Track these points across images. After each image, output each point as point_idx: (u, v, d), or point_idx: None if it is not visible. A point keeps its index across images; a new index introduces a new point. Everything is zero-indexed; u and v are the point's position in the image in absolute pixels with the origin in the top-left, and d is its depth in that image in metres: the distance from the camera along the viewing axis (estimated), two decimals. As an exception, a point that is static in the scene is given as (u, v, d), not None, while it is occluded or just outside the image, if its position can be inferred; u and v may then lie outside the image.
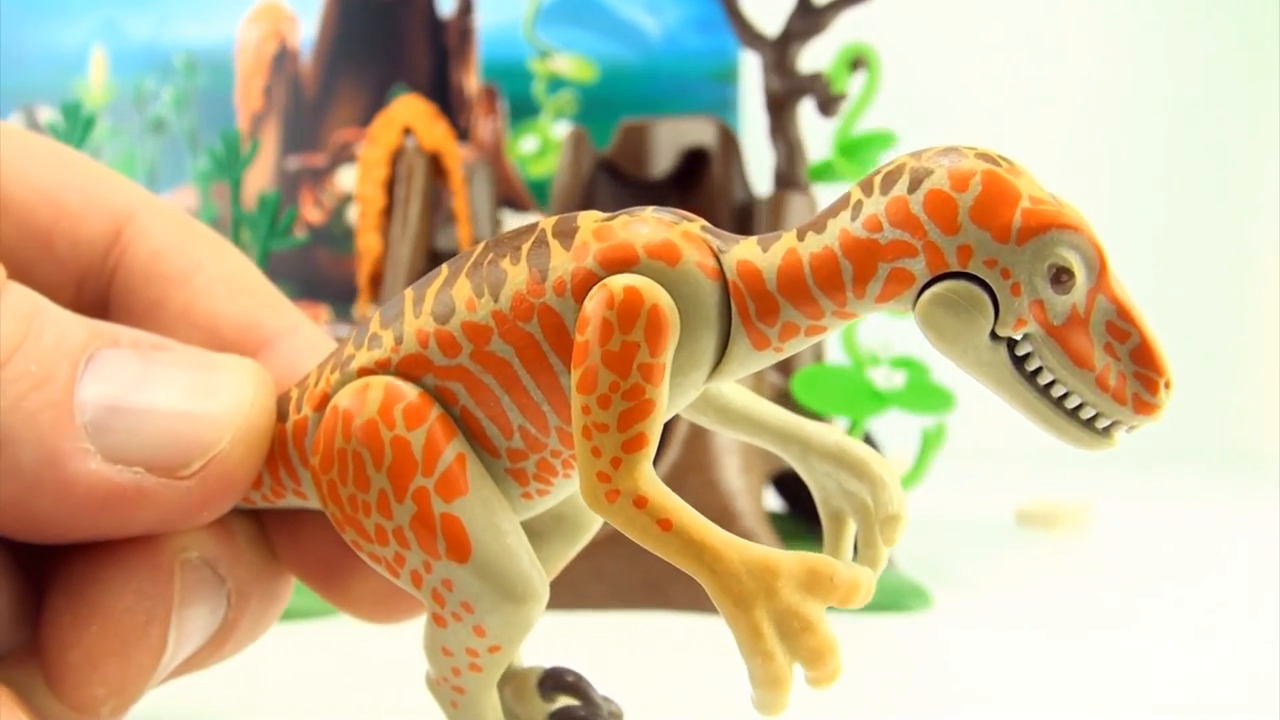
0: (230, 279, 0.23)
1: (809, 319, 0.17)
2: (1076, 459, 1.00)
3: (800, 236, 0.17)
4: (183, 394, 0.19)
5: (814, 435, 0.21)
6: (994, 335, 0.17)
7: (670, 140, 0.63)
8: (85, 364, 0.19)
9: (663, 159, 0.63)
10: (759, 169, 0.64)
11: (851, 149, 0.57)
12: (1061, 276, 0.16)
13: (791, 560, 0.16)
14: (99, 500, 0.18)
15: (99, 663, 0.19)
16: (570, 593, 0.48)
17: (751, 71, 1.10)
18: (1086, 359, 0.16)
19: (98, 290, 0.23)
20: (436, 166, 0.63)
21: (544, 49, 1.08)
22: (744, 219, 0.60)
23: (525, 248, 0.18)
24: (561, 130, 1.07)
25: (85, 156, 0.23)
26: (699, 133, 0.62)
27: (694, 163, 0.62)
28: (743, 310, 0.17)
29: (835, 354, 0.60)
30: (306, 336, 0.23)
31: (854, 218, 0.17)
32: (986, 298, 0.16)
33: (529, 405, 0.18)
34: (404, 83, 1.10)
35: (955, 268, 0.16)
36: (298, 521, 0.23)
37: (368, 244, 0.64)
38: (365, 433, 0.18)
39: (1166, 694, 0.39)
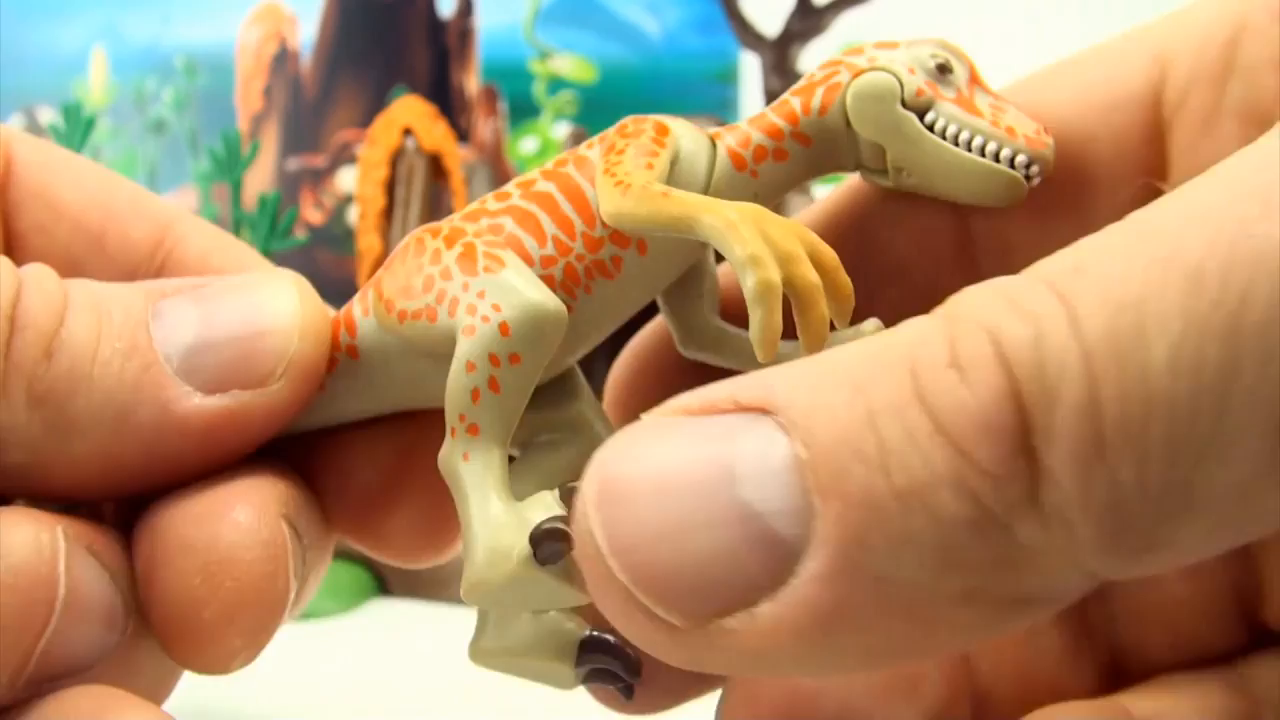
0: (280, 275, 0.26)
1: (773, 140, 0.22)
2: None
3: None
4: (243, 318, 0.22)
5: None
6: (904, 106, 0.22)
7: (670, 141, 0.63)
8: (152, 320, 0.21)
9: (663, 159, 0.63)
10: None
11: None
12: (943, 70, 0.22)
13: (786, 219, 0.19)
14: (212, 427, 0.21)
15: (236, 615, 0.21)
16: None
17: (751, 72, 1.10)
18: (977, 112, 0.22)
19: None
20: (437, 167, 0.63)
21: (544, 50, 1.08)
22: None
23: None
24: (562, 131, 1.07)
25: (123, 177, 0.27)
26: (699, 133, 0.62)
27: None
28: (724, 144, 0.22)
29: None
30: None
31: (794, 89, 0.22)
32: (893, 79, 0.22)
33: (561, 218, 0.22)
34: (404, 83, 1.10)
35: (867, 68, 0.22)
36: (339, 467, 0.24)
37: (368, 245, 0.64)
38: (428, 228, 0.22)
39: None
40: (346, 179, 1.11)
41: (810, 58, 0.60)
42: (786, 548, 0.14)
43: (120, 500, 0.23)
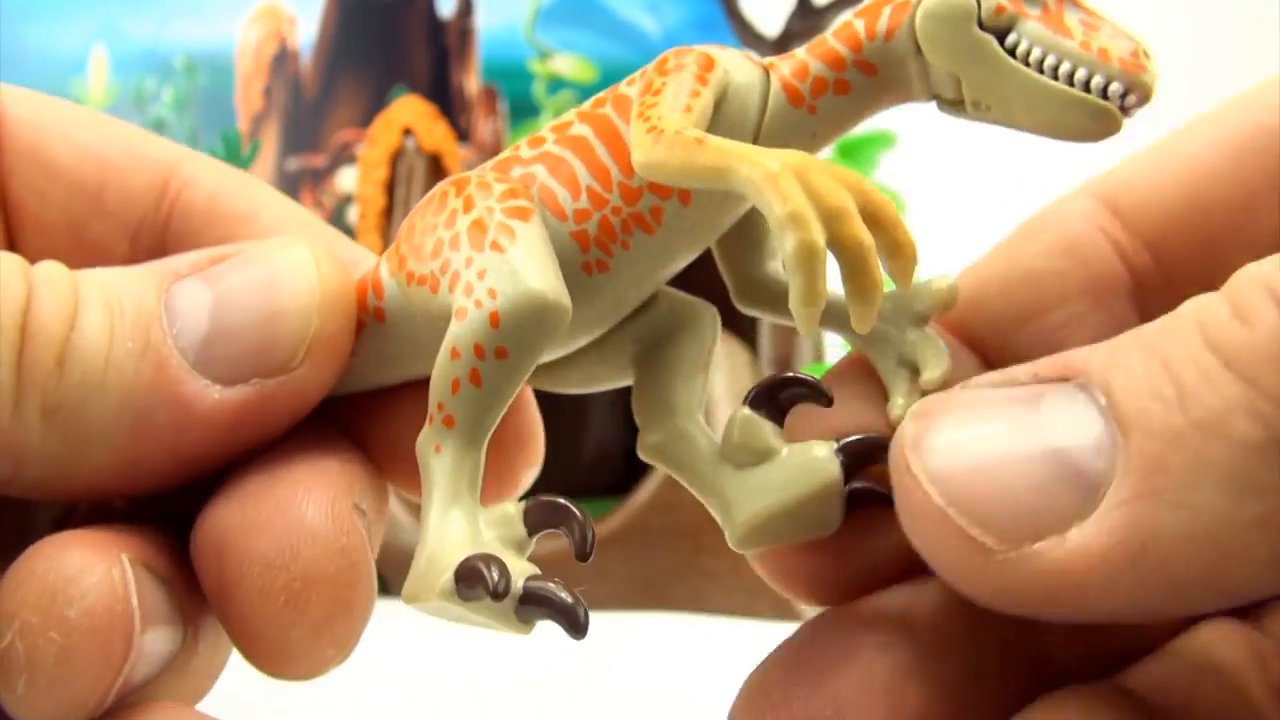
0: (294, 216, 0.25)
1: (834, 70, 0.20)
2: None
3: None
4: (257, 301, 0.21)
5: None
6: (982, 28, 0.19)
7: (670, 141, 0.63)
8: (165, 313, 0.20)
9: (663, 159, 0.63)
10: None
11: (851, 149, 0.57)
12: None
13: (836, 165, 0.17)
14: (235, 420, 0.20)
15: (325, 630, 0.20)
16: (570, 593, 0.48)
17: (751, 72, 1.10)
18: (1066, 31, 0.19)
19: (153, 238, 0.24)
20: (437, 167, 0.63)
21: (544, 50, 1.08)
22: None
23: None
24: (561, 131, 1.07)
25: (118, 119, 0.25)
26: (699, 133, 0.62)
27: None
28: (779, 74, 0.20)
29: (836, 354, 0.60)
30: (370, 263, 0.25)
31: (858, 8, 0.20)
32: None
33: (596, 165, 0.20)
34: (404, 83, 1.10)
35: None
36: (392, 429, 0.23)
37: (368, 245, 0.64)
38: (455, 180, 0.21)
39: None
40: (346, 179, 1.11)
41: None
42: (1093, 479, 0.15)
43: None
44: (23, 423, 0.19)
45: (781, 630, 0.20)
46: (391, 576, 0.60)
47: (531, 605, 0.19)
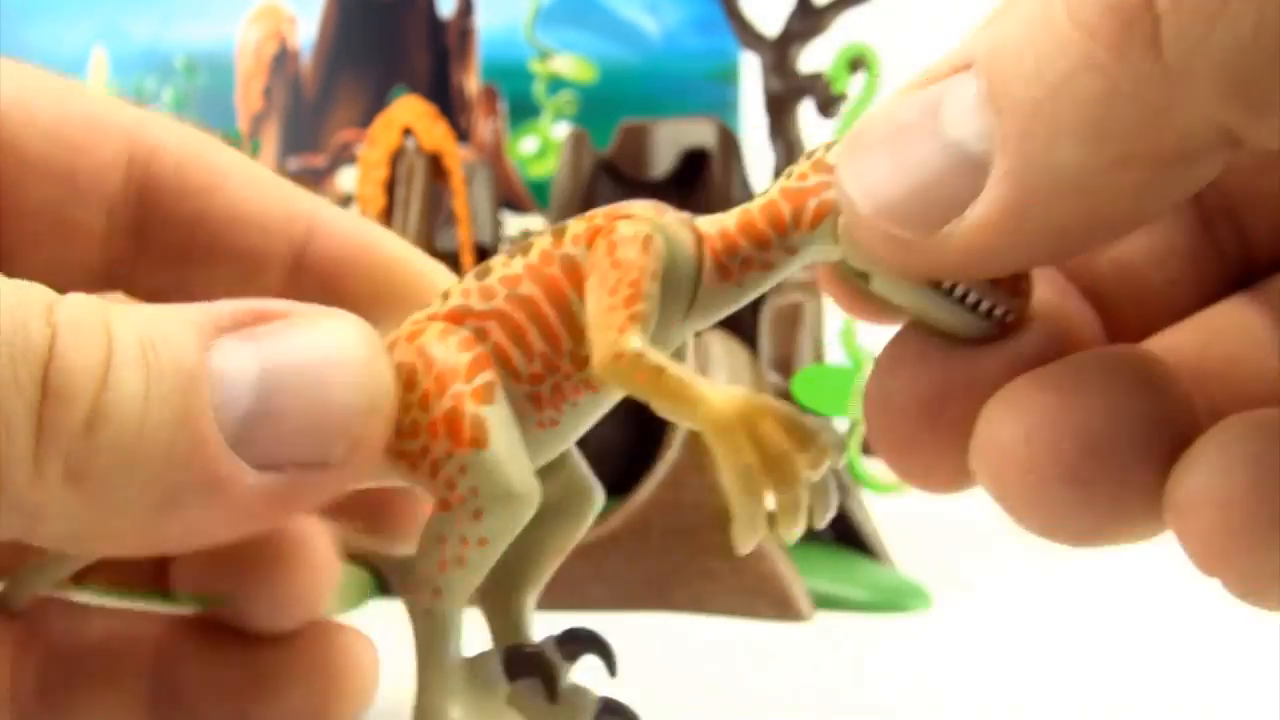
0: (260, 179, 0.25)
1: (760, 251, 0.22)
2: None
3: (750, 202, 0.23)
4: (307, 388, 0.20)
5: None
6: None
7: (670, 141, 0.63)
8: (206, 377, 0.19)
9: (663, 160, 0.63)
10: (759, 169, 0.64)
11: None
12: None
13: (772, 403, 0.20)
14: (265, 506, 0.20)
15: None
16: (570, 593, 0.48)
17: (751, 72, 1.10)
18: None
19: (126, 212, 0.24)
20: (437, 167, 0.63)
21: (544, 50, 1.08)
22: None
23: (546, 231, 0.23)
24: (561, 131, 1.07)
25: (79, 83, 0.24)
26: (699, 133, 0.62)
27: (694, 163, 0.62)
28: (712, 248, 0.22)
29: (835, 354, 0.61)
30: (335, 214, 0.26)
31: (787, 179, 0.22)
32: None
33: (550, 332, 0.22)
34: (404, 83, 1.10)
35: None
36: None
37: (368, 245, 0.64)
38: (419, 352, 0.22)
39: (1167, 693, 0.39)
40: (346, 179, 1.11)
41: (810, 58, 0.60)
42: (979, 161, 0.18)
43: None
44: (43, 486, 0.18)
45: (782, 630, 0.20)
46: (392, 576, 0.60)
47: None
